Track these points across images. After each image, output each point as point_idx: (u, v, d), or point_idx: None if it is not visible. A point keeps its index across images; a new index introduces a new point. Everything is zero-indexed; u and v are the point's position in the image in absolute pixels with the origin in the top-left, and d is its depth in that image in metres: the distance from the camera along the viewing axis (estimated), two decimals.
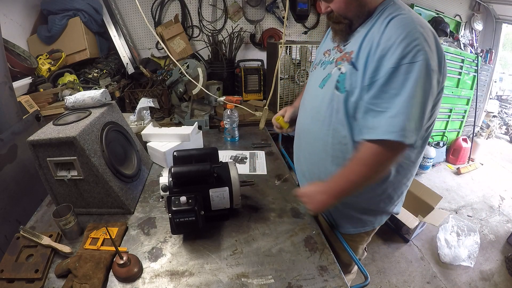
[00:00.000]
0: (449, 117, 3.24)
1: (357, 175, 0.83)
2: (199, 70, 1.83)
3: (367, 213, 1.03)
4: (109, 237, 0.79)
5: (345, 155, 0.91)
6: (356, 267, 1.23)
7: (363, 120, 0.82)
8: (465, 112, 3.33)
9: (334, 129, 0.90)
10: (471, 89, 3.22)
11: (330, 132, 0.92)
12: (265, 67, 2.42)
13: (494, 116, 4.11)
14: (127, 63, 2.27)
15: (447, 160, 3.41)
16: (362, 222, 1.05)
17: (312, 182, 1.00)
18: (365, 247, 1.25)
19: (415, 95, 0.73)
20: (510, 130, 4.12)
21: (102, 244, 0.87)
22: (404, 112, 0.73)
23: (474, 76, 3.15)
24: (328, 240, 1.05)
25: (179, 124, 1.96)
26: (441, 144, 3.27)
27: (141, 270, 0.82)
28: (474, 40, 3.44)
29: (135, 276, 0.79)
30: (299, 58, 2.04)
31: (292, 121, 1.20)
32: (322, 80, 0.94)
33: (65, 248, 0.87)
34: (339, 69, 0.87)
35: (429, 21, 2.85)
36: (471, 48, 3.32)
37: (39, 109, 1.60)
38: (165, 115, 2.11)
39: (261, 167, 1.35)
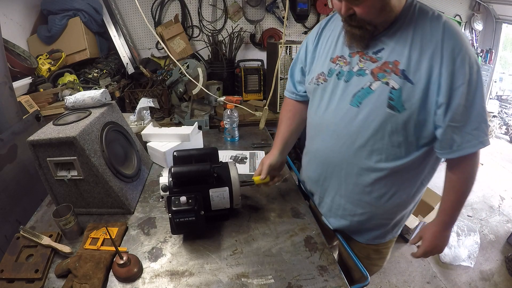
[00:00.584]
0: None
1: (464, 194, 0.84)
2: (199, 70, 1.83)
3: (402, 218, 1.00)
4: (109, 237, 0.79)
5: (400, 174, 0.84)
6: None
7: (442, 137, 0.75)
8: None
9: (388, 152, 0.80)
10: None
11: (383, 157, 0.81)
12: (265, 67, 2.42)
13: (494, 116, 4.11)
14: (127, 63, 2.27)
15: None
16: (399, 226, 1.02)
17: (353, 218, 0.94)
18: None
19: (483, 100, 0.73)
20: (510, 130, 4.12)
21: (102, 244, 0.87)
22: (482, 119, 0.74)
23: None
24: (341, 256, 1.05)
25: (179, 124, 1.96)
26: None
27: (141, 270, 0.82)
28: (474, 40, 3.44)
29: (135, 276, 0.79)
30: None
31: (276, 169, 1.05)
32: (355, 97, 0.79)
33: (65, 248, 0.87)
34: (386, 83, 0.74)
35: None
36: None
37: (39, 109, 1.60)
38: (165, 115, 2.11)
39: None
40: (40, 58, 1.93)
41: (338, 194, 0.94)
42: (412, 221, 2.07)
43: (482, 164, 3.36)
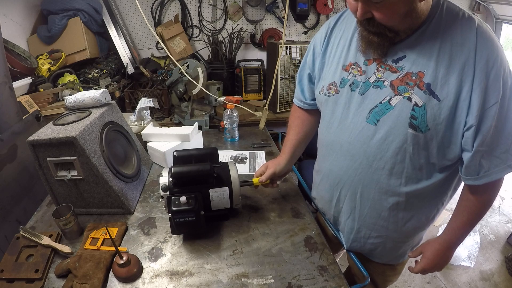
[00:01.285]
0: None
1: (479, 217, 0.76)
2: (199, 70, 1.83)
3: (420, 240, 0.96)
4: (109, 237, 0.79)
5: (420, 198, 0.77)
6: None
7: (470, 163, 0.67)
8: None
9: (408, 176, 0.73)
10: None
11: (402, 181, 0.74)
12: (265, 67, 2.42)
13: None
14: (127, 63, 2.27)
15: None
16: (415, 246, 0.96)
17: (383, 240, 0.87)
18: None
19: None
20: None
21: (102, 244, 0.87)
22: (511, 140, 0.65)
23: None
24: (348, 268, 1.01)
25: (179, 124, 1.96)
26: None
27: (141, 270, 0.82)
28: None
29: (135, 276, 0.79)
30: (299, 58, 2.04)
31: (280, 176, 1.02)
32: (371, 112, 0.70)
33: (65, 248, 0.87)
34: (409, 99, 0.65)
35: None
36: None
37: (39, 109, 1.60)
38: (165, 115, 2.11)
39: None
40: (40, 58, 1.93)
41: (351, 217, 0.87)
42: None
43: None
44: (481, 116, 0.62)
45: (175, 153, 0.98)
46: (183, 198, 0.84)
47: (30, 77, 1.77)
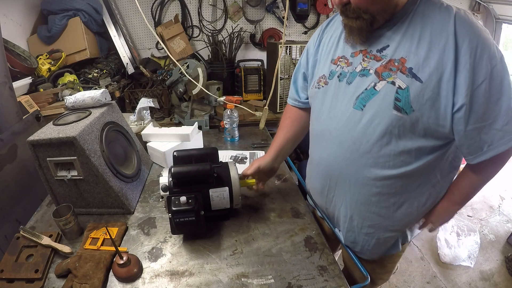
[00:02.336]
0: None
1: (479, 188, 0.80)
2: (199, 70, 1.83)
3: (412, 229, 0.95)
4: (109, 237, 0.79)
5: (409, 182, 0.78)
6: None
7: (469, 141, 0.69)
8: None
9: (395, 159, 0.74)
10: None
11: (390, 164, 0.75)
12: (265, 67, 2.42)
13: None
14: (127, 63, 2.27)
15: None
16: (408, 236, 0.96)
17: (376, 229, 0.87)
18: None
19: (511, 90, 0.66)
20: None
21: (102, 244, 0.87)
22: None
23: None
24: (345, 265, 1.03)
25: (179, 124, 1.96)
26: None
27: (141, 270, 0.82)
28: None
29: (135, 276, 0.79)
30: (299, 58, 2.04)
31: (265, 173, 1.04)
32: (358, 99, 0.74)
33: (65, 248, 0.87)
34: (393, 83, 0.69)
35: None
36: None
37: (39, 109, 1.60)
38: (165, 115, 2.11)
39: None
40: (40, 58, 1.93)
41: (343, 205, 0.88)
42: None
43: None
44: (471, 95, 0.64)
45: (175, 153, 0.98)
46: (183, 198, 0.84)
47: (30, 77, 1.77)
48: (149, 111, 1.85)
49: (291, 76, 2.07)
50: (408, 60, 0.68)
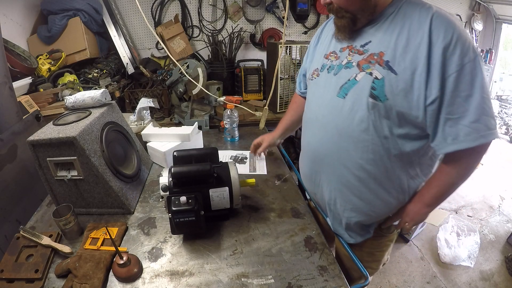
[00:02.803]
0: None
1: (453, 188, 0.81)
2: (199, 70, 1.83)
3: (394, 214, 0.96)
4: (109, 237, 0.80)
5: (388, 170, 0.82)
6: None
7: (436, 131, 0.74)
8: None
9: (374, 144, 0.79)
10: None
11: (369, 148, 0.80)
12: (265, 67, 2.42)
13: None
14: (127, 63, 2.27)
15: None
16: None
17: (358, 213, 0.91)
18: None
19: (484, 90, 0.69)
20: (510, 130, 4.12)
21: (102, 244, 0.87)
22: (483, 111, 0.69)
23: None
24: (337, 255, 1.05)
25: (179, 124, 1.96)
26: None
27: (141, 270, 0.82)
28: (474, 40, 3.44)
29: (135, 276, 0.79)
30: (299, 58, 2.04)
31: (271, 146, 1.27)
32: (342, 88, 0.81)
33: (65, 248, 0.87)
34: (370, 74, 0.76)
35: None
36: None
37: (39, 109, 1.60)
38: (165, 115, 2.11)
39: (261, 167, 1.35)
40: (40, 58, 1.93)
41: (328, 189, 0.93)
42: None
43: (482, 164, 3.35)
44: (442, 87, 0.69)
45: (175, 153, 0.98)
46: (183, 198, 0.84)
47: (30, 77, 1.77)
48: (149, 111, 1.85)
49: (291, 76, 2.08)
50: (386, 54, 0.74)
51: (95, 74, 2.07)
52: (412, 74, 0.71)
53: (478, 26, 3.35)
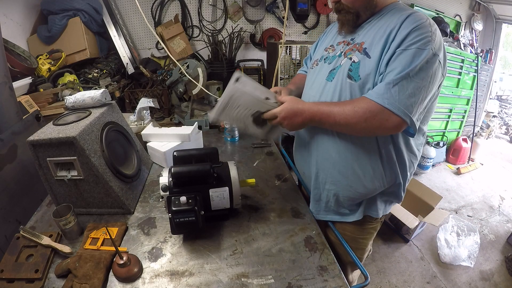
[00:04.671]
0: (449, 117, 3.24)
1: (341, 116, 0.84)
2: (199, 70, 1.83)
3: (375, 197, 1.00)
4: (109, 237, 0.79)
5: (360, 150, 0.91)
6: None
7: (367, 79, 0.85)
8: (465, 112, 3.33)
9: None
10: (471, 89, 3.23)
11: None
12: (265, 67, 2.42)
13: (494, 116, 4.12)
14: (127, 63, 2.27)
15: (447, 160, 3.41)
16: (370, 206, 1.01)
17: (336, 186, 0.97)
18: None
19: (418, 76, 0.77)
20: (510, 130, 4.12)
21: (102, 244, 0.87)
22: (401, 89, 0.77)
23: (474, 76, 3.15)
24: (329, 241, 1.03)
25: (179, 124, 1.97)
26: (441, 144, 3.27)
27: (141, 270, 0.82)
28: (474, 40, 3.44)
29: (135, 276, 0.79)
30: (299, 58, 2.04)
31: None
32: (330, 73, 0.94)
33: (65, 248, 0.87)
34: (350, 59, 0.88)
35: None
36: (471, 48, 3.32)
37: (39, 109, 1.60)
38: (165, 115, 2.11)
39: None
40: (40, 58, 1.93)
41: (312, 163, 1.02)
42: (412, 221, 2.07)
43: (482, 164, 3.36)
44: (388, 60, 0.81)
45: (175, 153, 0.98)
46: (183, 198, 0.84)
47: (30, 77, 1.77)
48: (149, 111, 1.85)
49: (291, 76, 2.08)
50: (365, 43, 0.87)
51: (95, 74, 2.08)
52: (379, 58, 0.83)
53: (478, 26, 3.35)
